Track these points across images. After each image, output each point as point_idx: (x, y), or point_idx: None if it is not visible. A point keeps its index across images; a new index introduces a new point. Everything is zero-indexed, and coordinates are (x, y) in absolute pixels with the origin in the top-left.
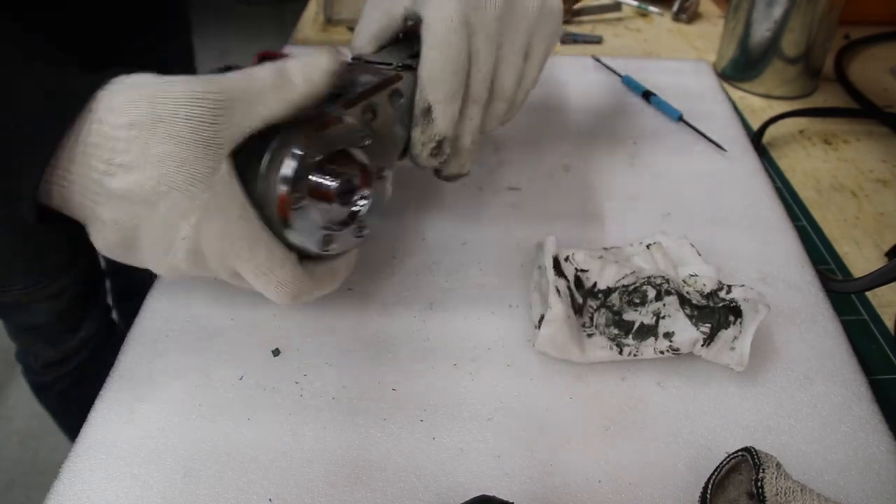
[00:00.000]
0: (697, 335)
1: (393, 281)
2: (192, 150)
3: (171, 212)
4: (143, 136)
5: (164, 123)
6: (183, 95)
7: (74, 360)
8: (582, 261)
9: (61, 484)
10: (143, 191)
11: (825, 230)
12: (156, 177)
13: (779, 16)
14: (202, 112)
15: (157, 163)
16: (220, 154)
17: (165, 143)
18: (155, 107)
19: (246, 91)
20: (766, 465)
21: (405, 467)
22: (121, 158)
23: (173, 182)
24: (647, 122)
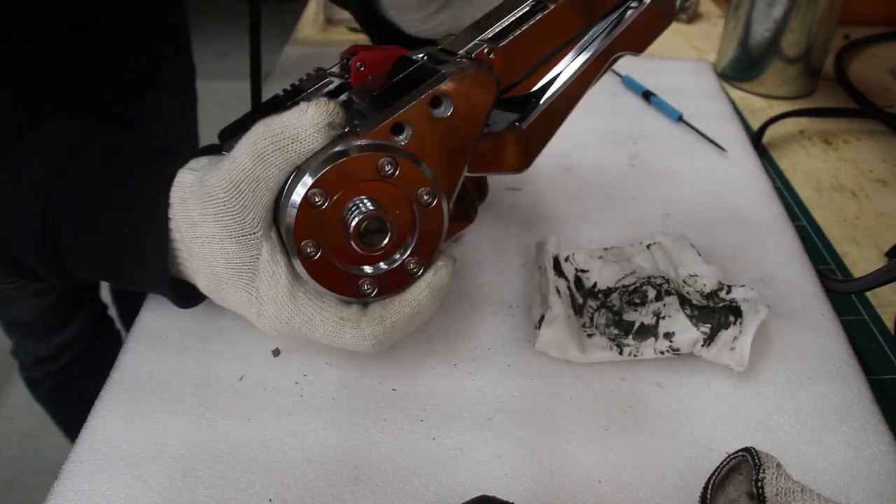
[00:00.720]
0: (697, 335)
1: None
2: (227, 245)
3: (237, 302)
4: (188, 242)
5: (199, 226)
6: (203, 196)
7: (63, 358)
8: (582, 261)
9: (62, 484)
10: (209, 289)
11: (825, 230)
12: (210, 275)
13: (779, 16)
14: (220, 207)
15: (206, 265)
16: (256, 240)
17: (204, 244)
18: (189, 212)
19: (242, 172)
20: (767, 465)
21: (405, 467)
22: (187, 262)
23: (225, 278)
24: (647, 122)
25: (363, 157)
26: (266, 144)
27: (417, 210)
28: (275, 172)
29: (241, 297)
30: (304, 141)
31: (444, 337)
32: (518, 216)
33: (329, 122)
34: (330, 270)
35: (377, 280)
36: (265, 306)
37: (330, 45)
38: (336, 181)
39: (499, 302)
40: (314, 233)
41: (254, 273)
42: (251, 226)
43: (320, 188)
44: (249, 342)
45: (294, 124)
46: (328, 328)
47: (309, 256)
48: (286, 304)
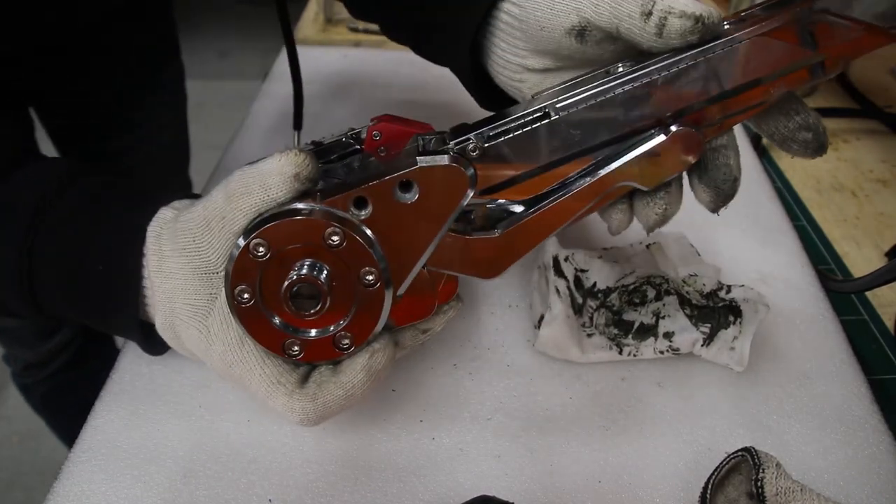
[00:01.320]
0: (697, 335)
1: None
2: (189, 281)
3: (188, 337)
4: (153, 277)
5: (165, 260)
6: (175, 232)
7: (53, 365)
8: (582, 261)
9: (62, 484)
10: (164, 326)
11: (825, 230)
12: (166, 313)
13: None
14: (188, 243)
15: (165, 301)
16: (217, 279)
17: (170, 279)
18: (160, 246)
19: (213, 211)
20: (766, 465)
21: (405, 467)
22: (151, 300)
23: (180, 314)
24: None
25: (312, 220)
26: (236, 187)
27: (358, 288)
28: (240, 216)
29: (192, 334)
30: (271, 188)
31: (444, 337)
32: None
33: (295, 174)
34: (260, 322)
35: (304, 344)
36: (213, 346)
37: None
38: (280, 237)
39: (499, 302)
40: (250, 281)
41: (209, 311)
42: (214, 264)
43: (263, 240)
44: None
45: (263, 171)
46: (263, 386)
47: (242, 302)
48: (233, 348)
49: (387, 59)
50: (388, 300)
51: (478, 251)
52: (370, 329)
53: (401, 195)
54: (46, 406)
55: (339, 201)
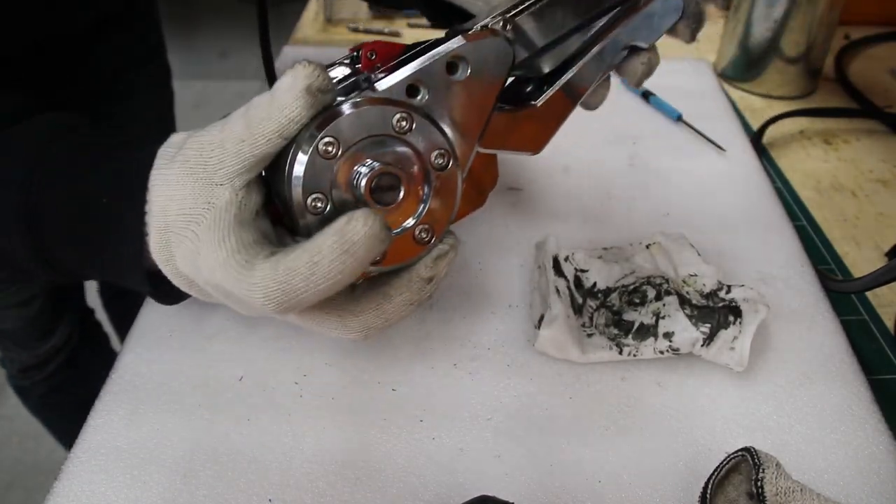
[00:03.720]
0: (697, 335)
1: None
2: (186, 188)
3: (180, 249)
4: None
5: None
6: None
7: (51, 366)
8: (582, 261)
9: (61, 484)
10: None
11: (825, 230)
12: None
13: (779, 16)
14: (197, 158)
15: (160, 214)
16: (217, 187)
17: (165, 191)
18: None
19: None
20: (766, 465)
21: (405, 467)
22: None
23: (172, 225)
24: (647, 122)
25: (378, 108)
26: (255, 113)
27: (430, 174)
28: (262, 141)
29: (184, 247)
30: (286, 108)
31: (444, 337)
32: (518, 216)
33: (306, 86)
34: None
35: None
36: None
37: (330, 45)
38: (348, 131)
39: (499, 302)
40: (322, 187)
41: (201, 218)
42: (220, 176)
43: (332, 137)
44: (249, 342)
45: (276, 92)
46: (228, 271)
47: (317, 212)
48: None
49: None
50: (460, 181)
51: (523, 125)
52: (447, 216)
53: (451, 76)
54: (44, 408)
55: (395, 89)
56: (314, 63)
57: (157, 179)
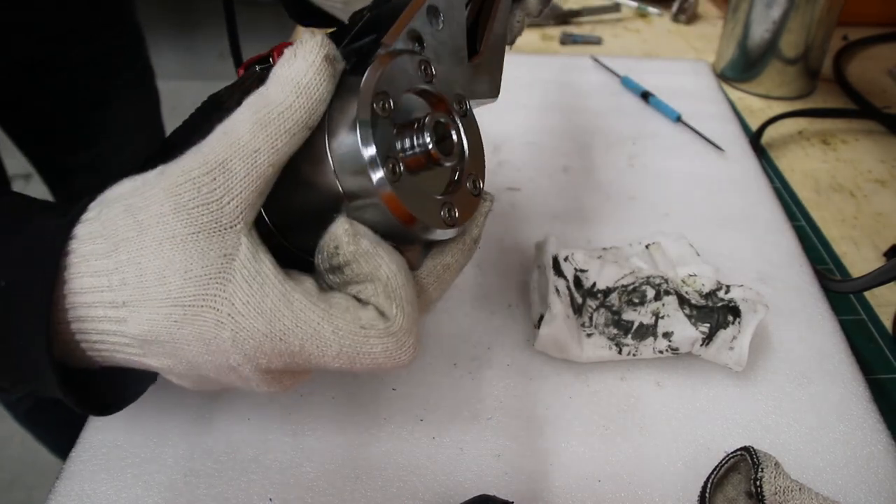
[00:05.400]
0: (696, 335)
1: None
2: (193, 246)
3: (202, 334)
4: (132, 257)
5: (150, 229)
6: (163, 190)
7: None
8: (581, 261)
9: (63, 483)
10: (160, 325)
11: (824, 230)
12: (163, 300)
13: (777, 17)
14: (190, 197)
15: (157, 283)
16: (233, 236)
17: (159, 253)
18: (135, 215)
19: (232, 147)
20: (765, 464)
21: (405, 467)
22: (120, 296)
23: (184, 297)
24: (646, 122)
25: (405, 57)
26: (266, 110)
27: (458, 120)
28: (283, 140)
29: (205, 324)
30: (310, 87)
31: (444, 337)
32: (518, 216)
33: (326, 56)
34: (417, 198)
35: (455, 203)
36: (244, 323)
37: None
38: (393, 85)
39: (499, 302)
40: (392, 150)
41: (224, 280)
42: (231, 215)
43: (383, 93)
44: None
45: (289, 75)
46: (346, 340)
47: (396, 177)
48: (279, 310)
49: None
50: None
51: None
52: (483, 163)
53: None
54: (31, 422)
55: (400, 42)
56: (318, 31)
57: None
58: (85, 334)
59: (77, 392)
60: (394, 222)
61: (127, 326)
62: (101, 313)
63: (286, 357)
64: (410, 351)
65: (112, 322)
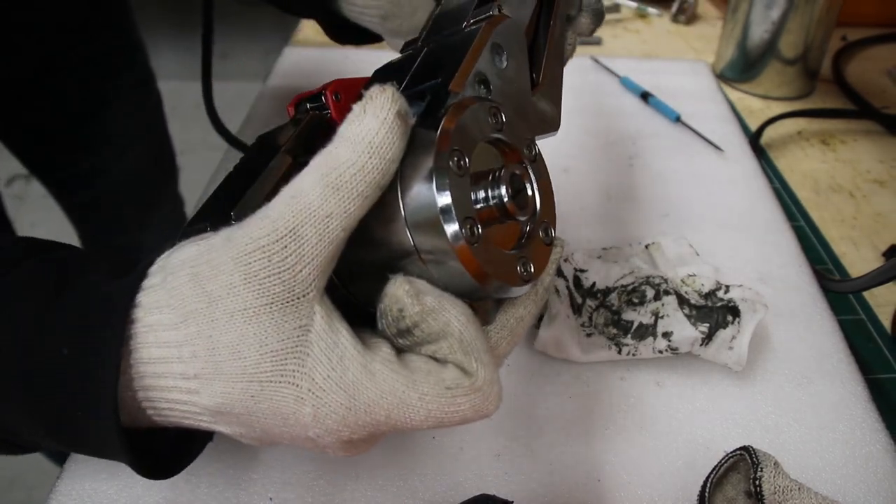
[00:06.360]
0: (696, 335)
1: None
2: (267, 319)
3: (279, 409)
4: (202, 330)
5: (221, 300)
6: (232, 259)
7: None
8: (581, 261)
9: (64, 483)
10: (235, 399)
11: (823, 230)
12: (239, 376)
13: (777, 17)
14: (261, 267)
15: (231, 357)
16: (306, 305)
17: (230, 326)
18: (203, 285)
19: (302, 213)
20: (764, 463)
21: (405, 466)
22: (192, 369)
23: (261, 373)
24: (646, 122)
25: (476, 107)
26: (338, 172)
27: (528, 167)
28: (355, 203)
29: (284, 400)
30: (384, 146)
31: None
32: None
33: (398, 112)
34: (493, 256)
35: (531, 256)
36: (326, 398)
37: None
38: (466, 138)
39: None
40: (467, 205)
41: (302, 354)
42: (304, 284)
43: (457, 150)
44: None
45: (362, 134)
46: (433, 403)
47: (473, 234)
48: (362, 384)
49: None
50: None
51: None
52: (553, 209)
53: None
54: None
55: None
56: (387, 84)
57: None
58: (152, 402)
59: (141, 456)
60: (468, 280)
61: (199, 398)
62: (171, 383)
63: (371, 428)
64: (496, 401)
65: (183, 392)
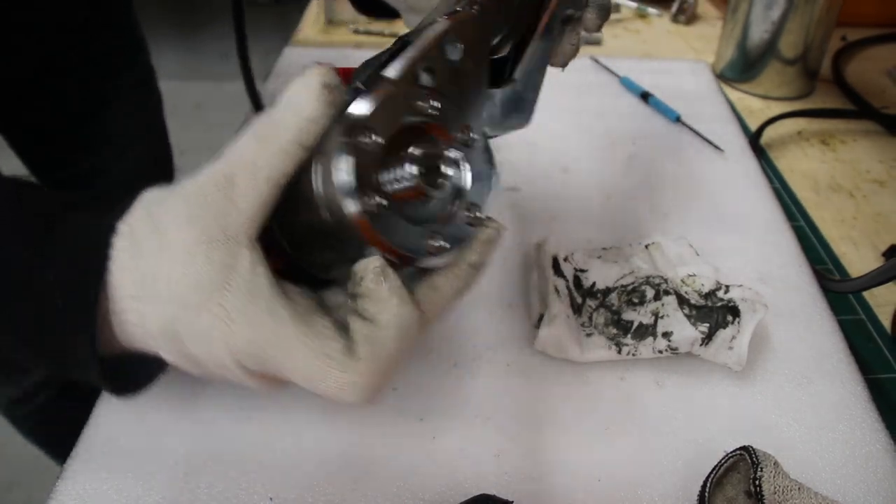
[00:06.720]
0: (696, 334)
1: None
2: (201, 253)
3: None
4: (149, 259)
5: (166, 234)
6: (181, 198)
7: (40, 397)
8: (581, 261)
9: (64, 483)
10: (167, 321)
11: (823, 230)
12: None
13: (777, 17)
14: (201, 208)
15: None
16: (235, 245)
17: (171, 256)
18: (156, 222)
19: (237, 163)
20: (764, 463)
21: (405, 467)
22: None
23: (189, 299)
24: (646, 122)
25: (401, 93)
26: (266, 127)
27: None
28: (277, 156)
29: (203, 325)
30: (304, 108)
31: (444, 337)
32: (517, 216)
33: (323, 83)
34: (397, 228)
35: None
36: (234, 328)
37: (331, 47)
38: (380, 119)
39: (499, 302)
40: (374, 183)
41: (224, 288)
42: (235, 227)
43: (367, 126)
44: None
45: (289, 97)
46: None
47: (372, 209)
48: (263, 321)
49: None
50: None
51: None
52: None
53: (447, 56)
54: (38, 435)
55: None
56: (324, 63)
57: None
58: (119, 323)
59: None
60: (368, 248)
61: (146, 321)
62: (126, 305)
63: (263, 364)
64: (359, 395)
65: (134, 314)
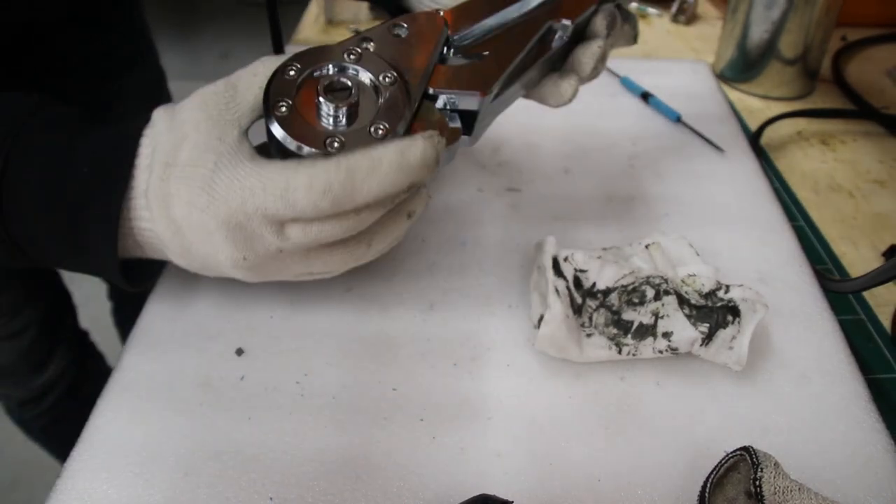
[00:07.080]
0: (696, 335)
1: (393, 282)
2: (204, 126)
3: (187, 194)
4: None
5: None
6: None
7: (49, 399)
8: (581, 261)
9: (64, 483)
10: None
11: (823, 230)
12: (164, 164)
13: (777, 17)
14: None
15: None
16: (231, 127)
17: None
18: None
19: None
20: (765, 464)
21: (405, 467)
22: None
23: (190, 161)
24: (646, 123)
25: (334, 46)
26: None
27: (381, 88)
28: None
29: (195, 181)
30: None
31: (444, 337)
32: (517, 216)
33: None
34: (300, 126)
35: (343, 137)
36: (218, 175)
37: None
38: (308, 58)
39: (499, 302)
40: (287, 95)
41: (215, 152)
42: (232, 113)
43: (294, 63)
44: (251, 343)
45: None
46: (270, 178)
47: (281, 114)
48: (242, 167)
49: None
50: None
51: (470, 69)
52: (399, 117)
53: (393, 33)
54: (46, 438)
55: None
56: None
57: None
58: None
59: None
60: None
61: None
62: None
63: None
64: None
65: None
